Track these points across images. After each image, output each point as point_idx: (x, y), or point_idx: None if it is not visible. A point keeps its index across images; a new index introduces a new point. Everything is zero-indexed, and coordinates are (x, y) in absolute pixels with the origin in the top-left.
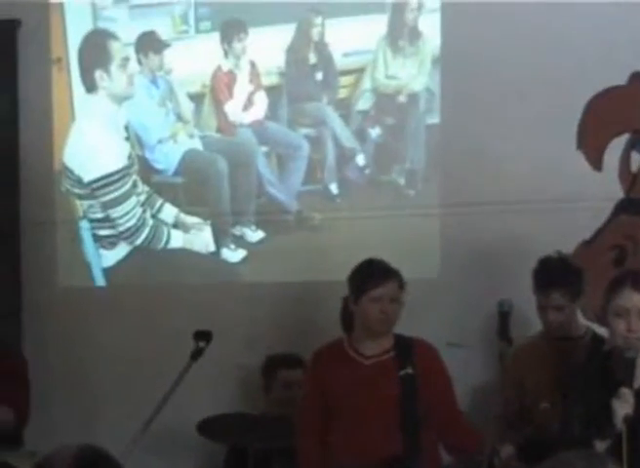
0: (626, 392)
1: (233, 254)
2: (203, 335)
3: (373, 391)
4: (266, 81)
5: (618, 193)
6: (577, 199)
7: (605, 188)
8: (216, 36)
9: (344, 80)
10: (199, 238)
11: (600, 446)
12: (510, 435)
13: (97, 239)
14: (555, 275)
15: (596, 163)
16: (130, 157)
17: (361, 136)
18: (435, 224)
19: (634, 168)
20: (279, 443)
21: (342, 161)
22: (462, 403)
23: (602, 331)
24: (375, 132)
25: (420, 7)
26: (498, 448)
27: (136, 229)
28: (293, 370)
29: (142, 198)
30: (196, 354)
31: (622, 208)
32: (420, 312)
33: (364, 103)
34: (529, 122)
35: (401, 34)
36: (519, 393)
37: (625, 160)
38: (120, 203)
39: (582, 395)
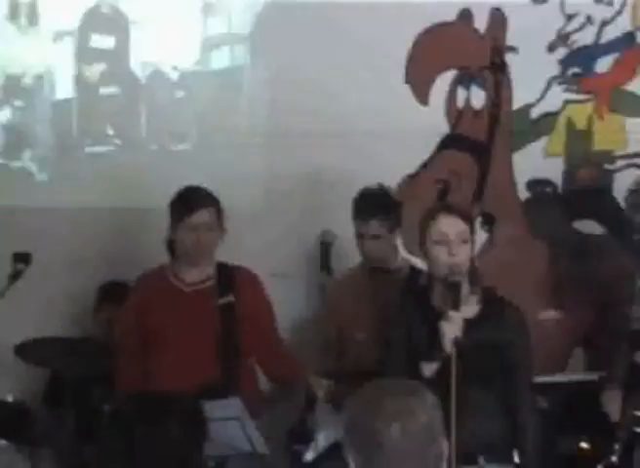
0: (455, 315)
1: None
2: (22, 257)
3: (192, 319)
4: None
5: (444, 128)
6: (403, 133)
7: (431, 123)
8: None
9: None
10: None
11: (427, 368)
12: (329, 366)
13: None
14: (374, 204)
15: (423, 97)
16: None
17: None
18: (260, 154)
19: (460, 104)
20: (98, 369)
21: None
22: (284, 332)
23: (423, 265)
24: None
25: None
26: (315, 380)
27: None
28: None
29: None
30: (15, 276)
31: (448, 143)
32: (244, 242)
33: None
34: (356, 55)
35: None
36: (338, 324)
37: (452, 96)
38: None
39: (402, 325)
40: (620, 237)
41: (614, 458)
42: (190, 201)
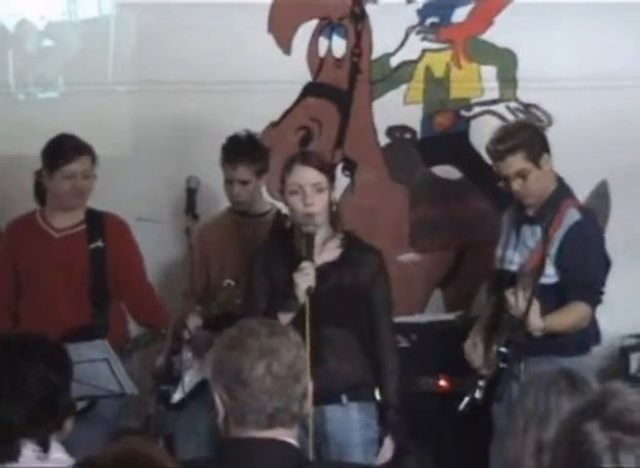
0: (307, 265)
1: None
2: None
3: (62, 264)
4: None
5: (306, 76)
6: (267, 81)
7: (293, 71)
8: None
9: None
10: None
11: (284, 318)
12: (197, 310)
13: None
14: (242, 150)
15: (286, 46)
16: None
17: None
18: (127, 102)
19: (321, 53)
20: None
21: None
22: (152, 278)
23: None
24: None
25: None
26: (185, 320)
27: None
28: None
29: None
30: None
31: (309, 91)
32: (112, 188)
33: None
34: (221, 5)
35: None
36: (206, 269)
37: (314, 45)
38: None
39: (265, 271)
40: (477, 181)
41: (478, 394)
42: (67, 149)
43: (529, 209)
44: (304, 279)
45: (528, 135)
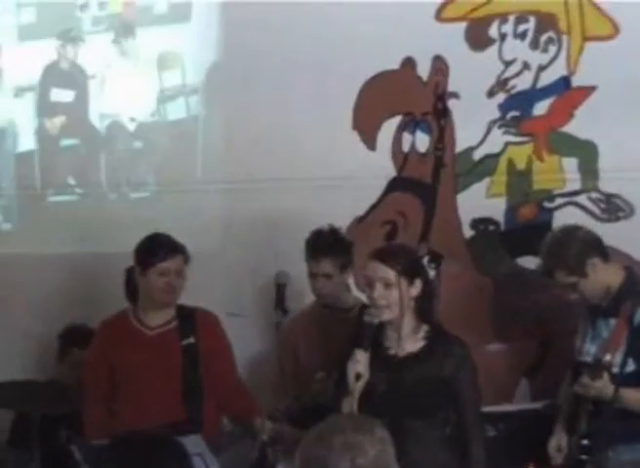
0: (358, 353)
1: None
2: None
3: (156, 361)
4: None
5: (390, 171)
6: (352, 177)
7: (378, 167)
8: None
9: None
10: None
11: (345, 404)
12: (285, 404)
13: None
14: (325, 244)
15: (370, 143)
16: None
17: None
18: (216, 199)
19: (405, 148)
20: (65, 409)
21: None
22: (242, 372)
23: None
24: None
25: None
26: (268, 424)
27: None
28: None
29: None
30: None
31: (394, 185)
32: (202, 283)
33: None
34: (305, 104)
35: None
36: (294, 362)
37: (398, 141)
38: None
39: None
40: None
41: None
42: (162, 247)
43: (603, 301)
44: (353, 367)
45: (568, 251)
